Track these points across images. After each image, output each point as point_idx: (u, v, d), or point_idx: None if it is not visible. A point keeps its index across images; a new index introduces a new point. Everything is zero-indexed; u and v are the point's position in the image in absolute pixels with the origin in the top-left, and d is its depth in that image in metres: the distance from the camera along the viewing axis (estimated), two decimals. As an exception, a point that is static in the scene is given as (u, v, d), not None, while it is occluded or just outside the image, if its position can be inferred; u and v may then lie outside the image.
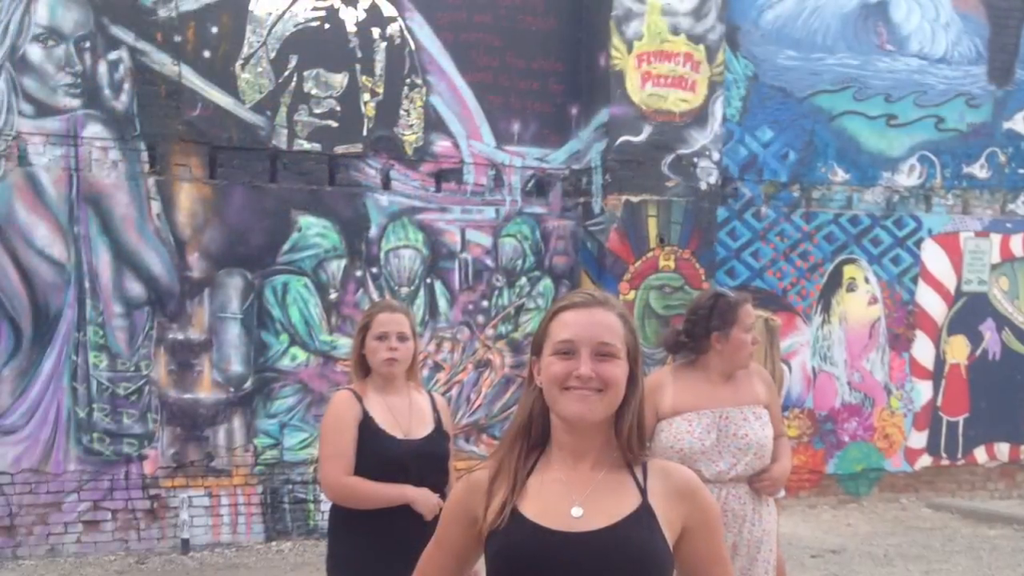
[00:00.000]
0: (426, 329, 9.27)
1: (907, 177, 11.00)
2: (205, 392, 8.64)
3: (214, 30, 8.64)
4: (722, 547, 2.31)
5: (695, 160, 9.61)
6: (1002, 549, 9.02)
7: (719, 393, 4.35)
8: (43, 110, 8.19)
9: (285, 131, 8.87)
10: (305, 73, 8.90)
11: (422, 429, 4.14)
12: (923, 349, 11.13)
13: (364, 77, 9.09)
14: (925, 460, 11.17)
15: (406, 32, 9.21)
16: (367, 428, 4.03)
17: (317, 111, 8.96)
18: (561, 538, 2.15)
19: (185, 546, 8.46)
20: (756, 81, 10.39)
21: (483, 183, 9.52)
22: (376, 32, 9.11)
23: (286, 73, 8.86)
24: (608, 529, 2.16)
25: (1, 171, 8.06)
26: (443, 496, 3.96)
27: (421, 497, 3.98)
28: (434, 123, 9.35)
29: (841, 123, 10.72)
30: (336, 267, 9.03)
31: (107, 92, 8.36)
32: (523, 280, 9.68)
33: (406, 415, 4.12)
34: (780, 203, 10.55)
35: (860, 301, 10.89)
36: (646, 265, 9.48)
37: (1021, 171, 11.45)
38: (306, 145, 8.93)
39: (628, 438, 2.24)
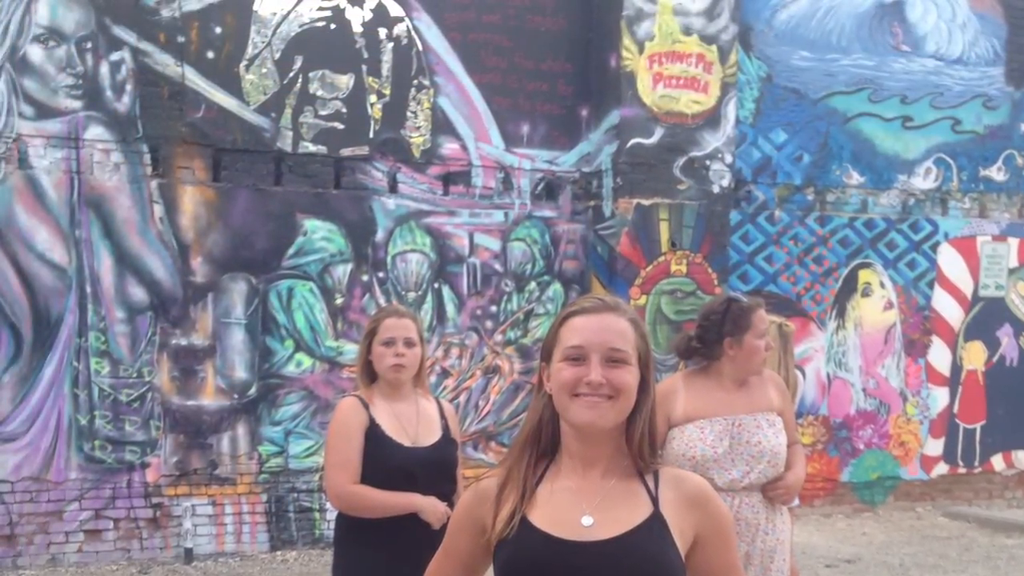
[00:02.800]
0: (433, 335, 9.17)
1: (923, 180, 10.88)
2: (209, 399, 8.55)
3: (218, 30, 8.56)
4: (735, 557, 2.31)
5: (707, 163, 9.50)
6: (1020, 559, 8.96)
7: (732, 400, 4.32)
8: (44, 112, 8.10)
9: (290, 133, 8.78)
10: (310, 74, 8.80)
11: (429, 436, 4.13)
12: (939, 355, 11.01)
13: (370, 78, 9.00)
14: (941, 468, 11.06)
15: (413, 32, 9.12)
16: (373, 435, 4.03)
17: (323, 113, 8.86)
18: (571, 547, 2.13)
19: (188, 555, 8.38)
20: (769, 82, 10.28)
21: (491, 186, 9.42)
22: (383, 32, 9.02)
23: (291, 74, 8.77)
24: (619, 538, 2.14)
25: (1, 174, 7.98)
26: (451, 504, 3.97)
27: (429, 505, 3.98)
28: (441, 125, 9.25)
29: (856, 125, 10.61)
30: (342, 271, 8.94)
31: (109, 93, 8.27)
32: (532, 285, 9.57)
33: (413, 422, 4.11)
34: (794, 206, 10.44)
35: (875, 306, 10.77)
36: (658, 270, 9.38)
37: (1039, 174, 11.35)
38: (311, 147, 8.84)
39: (639, 446, 2.23)
